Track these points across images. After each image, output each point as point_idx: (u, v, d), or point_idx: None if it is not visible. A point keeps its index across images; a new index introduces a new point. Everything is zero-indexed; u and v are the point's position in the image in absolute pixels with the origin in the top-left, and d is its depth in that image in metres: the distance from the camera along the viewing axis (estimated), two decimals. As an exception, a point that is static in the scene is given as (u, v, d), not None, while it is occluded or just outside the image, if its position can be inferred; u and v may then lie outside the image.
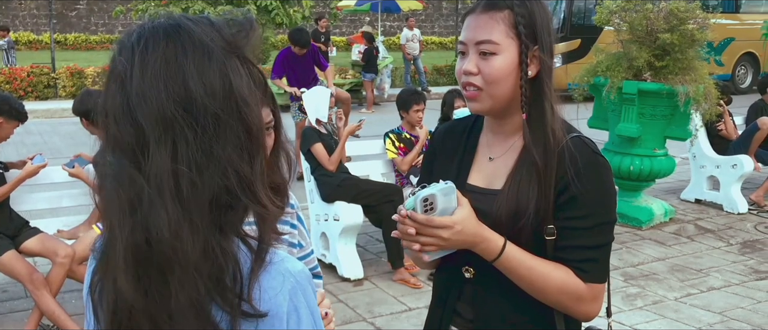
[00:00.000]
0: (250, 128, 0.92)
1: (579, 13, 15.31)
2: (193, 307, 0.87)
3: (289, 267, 0.93)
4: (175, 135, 0.86)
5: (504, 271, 1.44)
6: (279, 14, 16.54)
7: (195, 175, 0.86)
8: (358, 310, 4.34)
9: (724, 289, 4.75)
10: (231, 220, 0.90)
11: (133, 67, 0.88)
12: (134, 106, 0.87)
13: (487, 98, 1.45)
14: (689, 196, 7.09)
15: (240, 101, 0.90)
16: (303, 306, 0.92)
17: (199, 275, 0.86)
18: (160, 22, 0.92)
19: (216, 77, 0.89)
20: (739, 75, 17.59)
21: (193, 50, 0.89)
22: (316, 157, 4.96)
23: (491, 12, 1.43)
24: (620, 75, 5.76)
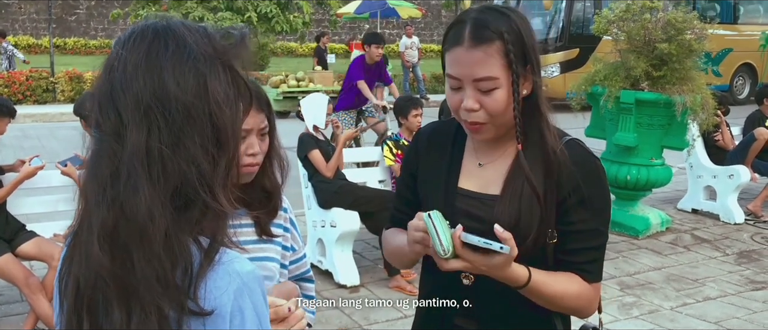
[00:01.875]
0: (219, 131, 0.96)
1: (577, 23, 15.36)
2: (157, 281, 0.90)
3: (237, 267, 0.95)
4: (150, 122, 0.92)
5: (527, 294, 1.44)
6: (279, 21, 16.58)
7: (163, 163, 0.91)
8: (353, 317, 4.33)
9: (720, 299, 4.75)
10: (189, 217, 0.94)
11: (120, 58, 0.95)
12: (116, 93, 0.93)
13: (491, 129, 1.46)
14: (686, 205, 7.10)
15: (213, 103, 0.95)
16: (248, 307, 0.94)
17: (162, 259, 0.90)
18: (154, 22, 0.99)
19: (191, 75, 0.94)
20: (736, 86, 17.64)
21: (175, 48, 0.95)
22: (314, 163, 4.96)
23: (483, 46, 1.38)
24: (618, 84, 5.78)
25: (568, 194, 1.45)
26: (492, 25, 1.38)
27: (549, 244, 1.47)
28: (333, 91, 13.45)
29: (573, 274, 1.48)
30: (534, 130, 1.47)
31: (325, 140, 5.22)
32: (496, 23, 1.39)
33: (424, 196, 1.60)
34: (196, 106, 0.94)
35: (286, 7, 17.10)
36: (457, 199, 1.53)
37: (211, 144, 0.95)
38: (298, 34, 18.06)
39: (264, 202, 1.72)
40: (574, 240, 1.47)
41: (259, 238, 1.71)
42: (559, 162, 1.45)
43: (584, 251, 1.48)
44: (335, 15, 19.22)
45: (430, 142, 1.64)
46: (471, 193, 1.53)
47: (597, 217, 1.48)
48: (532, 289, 1.43)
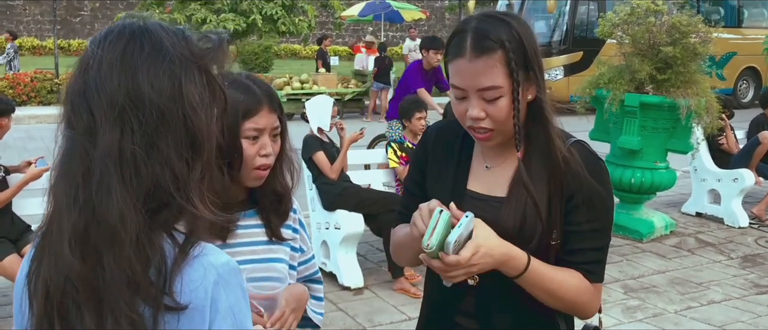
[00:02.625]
0: (194, 134, 0.96)
1: (581, 26, 15.34)
2: (127, 285, 0.90)
3: (212, 260, 0.95)
4: (123, 123, 0.91)
5: (525, 284, 1.45)
6: (284, 23, 16.60)
7: (136, 165, 0.91)
8: (357, 319, 4.33)
9: (725, 302, 4.74)
10: (163, 218, 0.94)
11: (95, 57, 0.95)
12: (91, 92, 0.93)
13: (499, 135, 1.47)
14: (690, 209, 7.09)
15: (187, 106, 0.95)
16: (222, 300, 0.94)
17: (133, 260, 0.90)
18: (131, 23, 0.98)
19: (165, 77, 0.94)
20: (740, 89, 17.60)
21: (150, 50, 0.95)
22: (318, 165, 4.97)
23: (485, 56, 1.39)
24: (622, 88, 5.78)
25: (572, 195, 1.47)
26: (493, 35, 1.39)
27: (552, 244, 1.48)
28: (336, 93, 13.50)
29: (574, 271, 1.49)
30: (539, 135, 1.48)
31: (330, 142, 5.22)
32: (497, 32, 1.39)
33: (433, 197, 1.60)
34: (170, 109, 0.93)
35: (291, 9, 17.11)
36: (465, 201, 1.53)
37: (186, 147, 0.95)
38: (302, 36, 18.08)
39: (275, 204, 1.72)
40: (577, 240, 1.48)
41: (268, 240, 1.71)
42: (563, 164, 1.46)
43: (587, 252, 1.49)
44: (339, 17, 19.23)
45: (438, 141, 1.65)
46: (478, 195, 1.54)
47: (601, 218, 1.49)
48: (531, 276, 1.43)
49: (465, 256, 1.33)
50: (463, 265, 1.34)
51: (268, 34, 17.11)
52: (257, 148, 1.62)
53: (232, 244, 1.66)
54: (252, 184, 1.66)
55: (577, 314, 1.56)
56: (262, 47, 19.52)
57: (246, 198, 1.71)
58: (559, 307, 1.51)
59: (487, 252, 1.36)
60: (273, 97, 1.66)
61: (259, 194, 1.70)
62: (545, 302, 1.49)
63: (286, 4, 16.76)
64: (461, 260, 1.33)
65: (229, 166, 1.61)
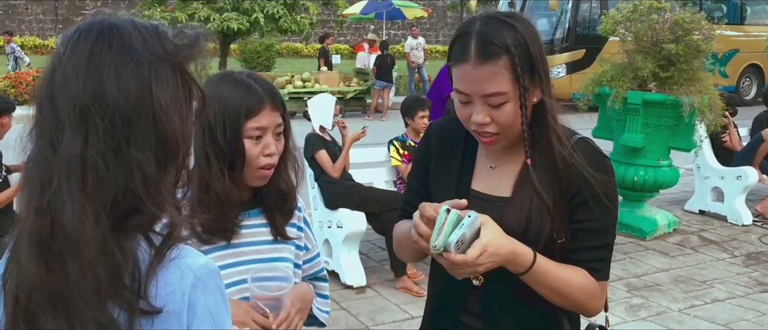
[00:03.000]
0: (166, 136, 0.92)
1: (584, 23, 15.31)
2: (92, 292, 0.88)
3: (190, 262, 0.93)
4: (88, 126, 0.89)
5: (530, 281, 1.44)
6: (286, 21, 16.57)
7: (101, 169, 0.88)
8: (360, 317, 4.33)
9: (729, 300, 4.73)
10: (135, 223, 0.91)
11: (62, 57, 0.92)
12: (57, 94, 0.90)
13: (504, 139, 1.46)
14: (693, 207, 7.07)
15: (157, 107, 0.92)
16: (200, 302, 0.92)
17: (95, 267, 0.88)
18: (100, 20, 0.95)
19: (133, 79, 0.91)
20: (743, 86, 17.57)
21: (118, 50, 0.91)
22: (320, 163, 4.96)
23: (490, 62, 1.37)
24: (625, 85, 5.76)
25: (576, 192, 1.46)
26: (498, 40, 1.37)
27: (557, 243, 1.47)
28: (338, 92, 13.48)
29: (580, 269, 1.48)
30: (543, 136, 1.47)
31: (332, 141, 5.21)
32: (502, 37, 1.37)
33: (436, 195, 1.60)
34: (139, 111, 0.90)
35: (293, 7, 17.09)
36: (469, 201, 1.52)
37: (158, 149, 0.92)
38: (304, 34, 18.06)
39: (280, 203, 1.70)
40: (582, 238, 1.47)
41: (273, 239, 1.70)
42: (567, 162, 1.45)
43: (592, 250, 1.48)
44: (341, 15, 19.21)
45: (442, 139, 1.63)
46: (482, 195, 1.53)
47: (605, 216, 1.48)
48: (537, 274, 1.42)
49: (472, 256, 1.32)
50: (469, 264, 1.33)
51: (270, 32, 17.09)
52: (261, 147, 1.60)
53: (236, 244, 1.65)
54: (256, 183, 1.65)
55: (582, 312, 1.55)
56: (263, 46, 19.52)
57: (250, 197, 1.70)
58: (565, 305, 1.50)
59: (494, 251, 1.35)
60: (275, 95, 1.64)
61: (263, 193, 1.69)
62: (551, 300, 1.48)
63: (288, 3, 16.73)
64: (468, 260, 1.32)
65: (230, 167, 1.60)
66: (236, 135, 1.58)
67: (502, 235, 1.38)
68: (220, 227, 1.62)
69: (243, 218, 1.67)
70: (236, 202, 1.63)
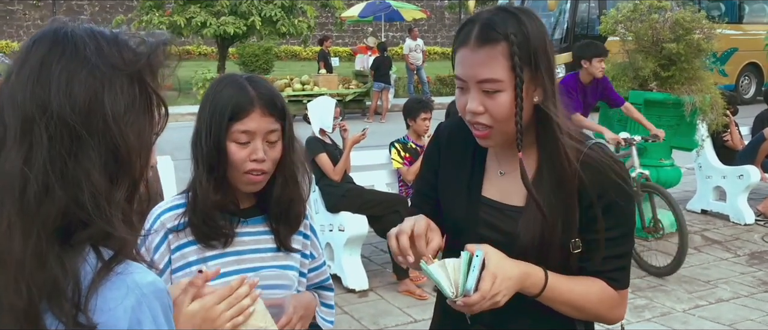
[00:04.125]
0: (117, 149, 0.89)
1: (582, 24, 15.32)
2: (11, 313, 0.85)
3: (137, 279, 0.90)
4: (33, 138, 0.86)
5: (547, 301, 1.41)
6: (284, 24, 16.56)
7: (42, 184, 0.85)
8: (362, 321, 4.30)
9: (733, 300, 4.70)
10: (82, 238, 0.88)
11: (15, 66, 0.90)
12: (5, 103, 0.88)
13: (498, 134, 1.40)
14: (695, 206, 7.05)
15: (109, 120, 0.89)
16: (147, 320, 0.89)
17: (28, 281, 0.85)
18: (55, 27, 0.93)
19: (82, 90, 0.88)
20: (742, 85, 17.57)
21: (69, 59, 0.89)
22: (321, 167, 4.94)
23: (487, 47, 1.34)
24: (626, 85, 5.75)
25: (591, 202, 1.41)
26: (499, 26, 1.34)
27: (573, 253, 1.43)
28: (337, 94, 13.46)
29: (597, 279, 1.45)
30: (548, 141, 1.41)
31: (333, 144, 5.19)
32: (504, 24, 1.34)
33: (446, 204, 1.56)
34: (88, 122, 0.87)
35: (291, 11, 17.07)
36: (481, 210, 1.49)
37: (109, 162, 0.89)
38: (302, 37, 18.05)
39: (283, 214, 1.65)
40: (600, 248, 1.43)
41: (277, 247, 1.67)
42: (578, 170, 1.40)
43: (610, 259, 1.44)
44: (339, 18, 19.20)
45: (451, 141, 1.60)
46: (493, 203, 1.49)
47: (623, 225, 1.45)
48: (552, 292, 1.39)
49: (485, 289, 1.30)
50: (486, 298, 1.30)
51: (268, 36, 17.08)
52: (248, 152, 1.54)
53: (239, 251, 1.62)
54: (246, 189, 1.61)
55: (603, 322, 1.52)
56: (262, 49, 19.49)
57: (253, 205, 1.66)
58: (584, 318, 1.48)
59: (505, 276, 1.32)
60: (271, 100, 1.58)
61: (267, 201, 1.65)
62: (569, 315, 1.45)
63: (286, 6, 16.72)
64: (483, 294, 1.30)
65: (210, 171, 1.56)
66: (219, 137, 1.54)
67: (507, 259, 1.35)
68: (216, 232, 1.58)
69: (242, 224, 1.63)
70: (223, 207, 1.59)
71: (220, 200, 1.58)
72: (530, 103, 1.38)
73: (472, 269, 1.30)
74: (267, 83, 1.65)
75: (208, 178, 1.56)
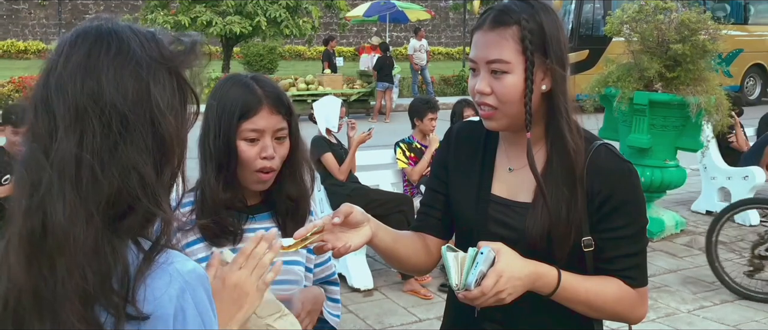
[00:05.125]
0: (162, 137, 0.94)
1: (587, 24, 15.31)
2: (78, 296, 0.88)
3: (178, 267, 0.94)
4: (84, 126, 0.89)
5: (561, 300, 1.42)
6: (288, 25, 16.58)
7: (96, 169, 0.89)
8: (368, 320, 4.31)
9: (738, 302, 4.70)
10: (129, 224, 0.92)
11: (59, 59, 0.93)
12: (52, 95, 0.91)
13: (502, 117, 1.43)
14: (700, 207, 7.04)
15: (155, 109, 0.93)
16: (190, 307, 0.93)
17: (85, 268, 0.88)
18: (98, 24, 0.97)
19: (131, 80, 0.92)
20: (747, 86, 17.54)
21: (117, 52, 0.93)
22: (326, 166, 4.95)
23: (499, 29, 1.39)
24: (631, 85, 5.74)
25: (602, 202, 1.43)
26: (513, 11, 1.39)
27: (587, 252, 1.44)
28: (342, 94, 13.48)
29: (613, 278, 1.45)
30: (554, 129, 1.44)
31: (338, 143, 5.20)
32: (519, 10, 1.39)
33: (457, 201, 1.58)
34: (137, 112, 0.92)
35: (296, 11, 17.09)
36: (490, 207, 1.50)
37: (154, 150, 0.93)
38: (306, 37, 18.08)
39: (291, 210, 1.68)
40: (612, 247, 1.45)
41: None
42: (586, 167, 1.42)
43: (624, 258, 1.45)
44: (344, 18, 19.21)
45: (461, 140, 1.62)
46: (502, 200, 1.51)
47: (634, 223, 1.46)
48: (565, 292, 1.40)
49: (488, 285, 1.31)
50: (486, 294, 1.32)
51: (272, 36, 17.10)
52: (257, 150, 1.57)
53: None
54: (255, 187, 1.63)
55: (624, 322, 1.52)
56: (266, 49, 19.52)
57: (260, 201, 1.68)
58: (603, 318, 1.49)
59: (512, 275, 1.33)
60: (278, 98, 1.60)
61: (274, 198, 1.67)
62: (586, 314, 1.46)
63: (290, 6, 16.73)
64: (485, 291, 1.31)
65: (219, 169, 1.57)
66: (229, 136, 1.56)
67: (519, 259, 1.36)
68: (223, 230, 1.60)
69: (250, 221, 1.65)
70: (231, 205, 1.60)
71: (229, 199, 1.60)
72: (538, 91, 1.41)
73: (475, 265, 1.33)
74: (272, 82, 1.68)
75: (217, 177, 1.58)
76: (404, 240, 1.59)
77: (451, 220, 1.62)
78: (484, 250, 1.34)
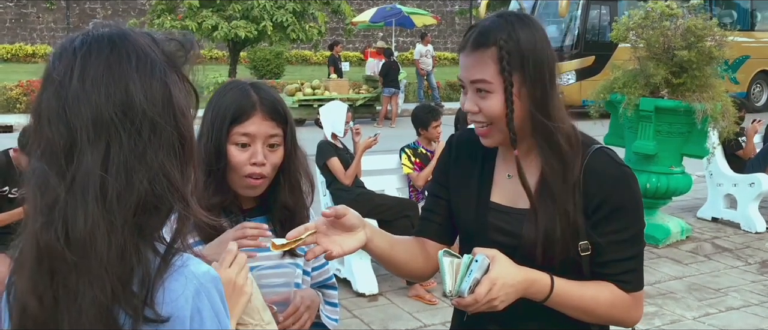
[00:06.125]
0: (184, 137, 0.96)
1: (593, 30, 15.29)
2: (95, 308, 0.89)
3: (193, 269, 0.95)
4: (110, 137, 0.89)
5: (554, 306, 1.43)
6: (294, 30, 16.63)
7: (123, 178, 0.89)
8: (372, 325, 4.32)
9: (744, 309, 4.68)
10: (153, 223, 0.93)
11: (73, 71, 0.91)
12: (70, 108, 0.90)
13: (496, 132, 1.47)
14: (706, 214, 7.03)
15: (177, 111, 0.95)
16: (206, 308, 0.94)
17: (108, 276, 0.89)
18: (105, 31, 0.96)
19: (158, 85, 0.93)
20: (754, 93, 17.48)
21: (137, 59, 0.93)
22: (332, 171, 4.97)
23: (480, 50, 1.43)
24: (637, 92, 5.73)
25: (597, 206, 1.44)
26: (491, 33, 1.43)
27: (583, 256, 1.45)
28: (348, 99, 13.50)
29: (608, 283, 1.47)
30: (543, 144, 1.45)
31: (344, 148, 5.22)
32: (496, 31, 1.42)
33: (457, 208, 1.60)
34: (163, 117, 0.93)
35: (302, 16, 17.14)
36: (489, 214, 1.52)
37: (178, 152, 0.95)
38: (313, 42, 18.13)
39: (287, 219, 1.67)
40: (607, 251, 1.46)
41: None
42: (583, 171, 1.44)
43: (620, 262, 1.46)
44: (350, 23, 19.26)
45: (461, 147, 1.64)
46: (501, 208, 1.53)
47: (630, 227, 1.47)
48: (559, 298, 1.41)
49: (481, 293, 1.33)
50: (479, 301, 1.34)
51: (278, 41, 17.16)
52: (248, 155, 1.57)
53: (244, 249, 1.63)
54: (245, 193, 1.63)
55: (617, 325, 1.54)
56: (273, 53, 19.58)
57: (254, 206, 1.68)
58: (596, 322, 1.50)
59: (505, 283, 1.35)
60: (272, 105, 1.60)
61: (270, 204, 1.67)
62: (580, 319, 1.47)
63: (297, 11, 16.79)
64: (477, 298, 1.33)
65: (208, 173, 1.58)
66: (220, 139, 1.57)
67: (513, 267, 1.38)
68: (219, 233, 1.60)
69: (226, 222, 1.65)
70: (222, 208, 1.60)
71: (219, 203, 1.60)
72: (522, 106, 1.43)
73: (469, 273, 1.35)
74: (271, 89, 1.68)
75: (207, 180, 1.59)
76: (401, 245, 1.59)
77: (452, 226, 1.64)
78: (479, 258, 1.36)
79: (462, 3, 28.46)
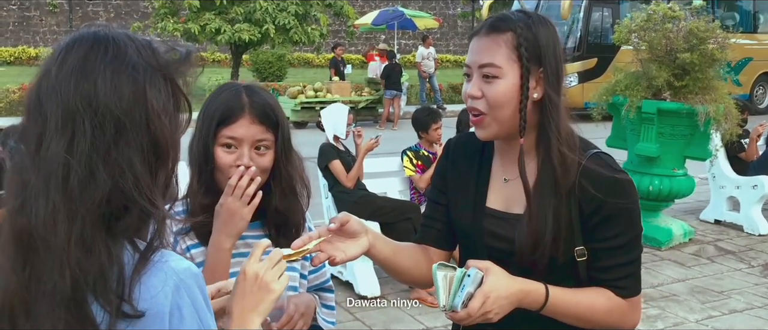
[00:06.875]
0: (157, 140, 0.96)
1: (595, 32, 15.28)
2: (58, 295, 0.89)
3: (173, 265, 0.95)
4: (75, 127, 0.91)
5: (552, 315, 1.43)
6: (297, 32, 16.65)
7: (86, 169, 0.90)
8: (374, 328, 4.31)
9: (747, 311, 4.67)
10: (124, 224, 0.93)
11: (55, 63, 0.94)
12: (44, 96, 0.93)
13: (491, 123, 1.44)
14: (708, 216, 7.01)
15: (151, 113, 0.95)
16: (186, 304, 0.94)
17: (73, 265, 0.89)
18: (95, 30, 0.98)
19: (128, 83, 0.94)
20: (757, 95, 17.46)
21: (114, 57, 0.94)
22: (334, 173, 4.97)
23: (494, 35, 1.42)
24: (639, 94, 5.73)
25: (592, 211, 1.43)
26: (509, 19, 1.43)
27: (580, 262, 1.45)
28: (350, 101, 13.51)
29: (602, 288, 1.46)
30: (545, 143, 1.44)
31: (346, 150, 5.22)
32: (515, 19, 1.43)
33: (455, 215, 1.60)
34: (132, 115, 0.93)
35: (304, 19, 17.16)
36: (486, 220, 1.52)
37: (149, 152, 0.95)
38: (315, 45, 18.15)
39: (281, 223, 1.67)
40: (604, 257, 1.45)
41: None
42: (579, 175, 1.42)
43: (616, 268, 1.46)
44: (352, 26, 19.27)
45: (458, 152, 1.63)
46: (497, 213, 1.52)
47: (626, 233, 1.46)
48: (554, 307, 1.41)
49: (473, 307, 1.33)
50: (473, 316, 1.33)
51: (281, 44, 17.18)
52: (234, 158, 1.57)
53: (241, 253, 1.62)
54: None
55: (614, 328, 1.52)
56: (275, 56, 19.59)
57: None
58: (592, 327, 1.48)
59: (499, 295, 1.34)
60: (262, 109, 1.59)
61: (264, 208, 1.65)
62: (578, 326, 1.47)
63: (299, 14, 16.80)
64: (469, 312, 1.33)
65: (200, 173, 1.59)
66: (207, 140, 1.58)
67: (507, 278, 1.37)
68: (205, 234, 1.61)
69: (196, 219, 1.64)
70: (211, 209, 1.59)
71: (210, 204, 1.60)
72: (530, 98, 1.42)
73: (462, 287, 1.34)
74: (265, 93, 1.66)
75: (199, 181, 1.60)
76: (404, 251, 1.59)
77: (452, 232, 1.63)
78: (472, 272, 1.35)
79: (464, 6, 28.46)
